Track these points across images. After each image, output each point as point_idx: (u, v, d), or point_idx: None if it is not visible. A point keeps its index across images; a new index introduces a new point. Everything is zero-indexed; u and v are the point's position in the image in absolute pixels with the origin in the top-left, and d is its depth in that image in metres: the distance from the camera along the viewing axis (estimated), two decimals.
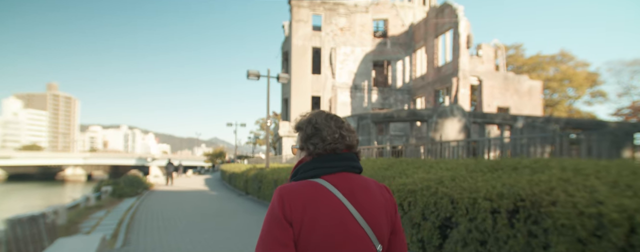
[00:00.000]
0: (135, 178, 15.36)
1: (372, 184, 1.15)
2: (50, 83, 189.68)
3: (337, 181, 1.08)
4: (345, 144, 1.14)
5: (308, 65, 28.30)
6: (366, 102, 29.32)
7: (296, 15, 28.15)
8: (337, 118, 1.20)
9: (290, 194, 1.04)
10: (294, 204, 1.02)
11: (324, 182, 1.07)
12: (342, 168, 1.11)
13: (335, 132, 1.14)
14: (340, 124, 1.18)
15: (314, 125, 1.17)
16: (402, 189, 4.61)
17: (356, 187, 1.09)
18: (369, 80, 29.59)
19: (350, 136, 1.17)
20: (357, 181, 1.11)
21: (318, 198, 1.04)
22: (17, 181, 64.53)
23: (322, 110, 1.24)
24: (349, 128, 1.20)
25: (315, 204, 1.03)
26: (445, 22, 24.24)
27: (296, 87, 28.06)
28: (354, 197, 1.07)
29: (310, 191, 1.05)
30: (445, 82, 24.60)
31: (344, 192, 1.06)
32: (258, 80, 13.14)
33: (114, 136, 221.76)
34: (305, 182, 1.08)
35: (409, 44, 29.50)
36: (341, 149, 1.14)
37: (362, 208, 1.06)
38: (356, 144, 1.19)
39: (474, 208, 3.42)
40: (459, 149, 11.82)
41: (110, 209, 9.93)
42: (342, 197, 1.05)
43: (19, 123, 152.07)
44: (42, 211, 4.78)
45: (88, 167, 73.24)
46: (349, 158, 1.13)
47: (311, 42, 28.45)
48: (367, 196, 1.09)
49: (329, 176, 1.09)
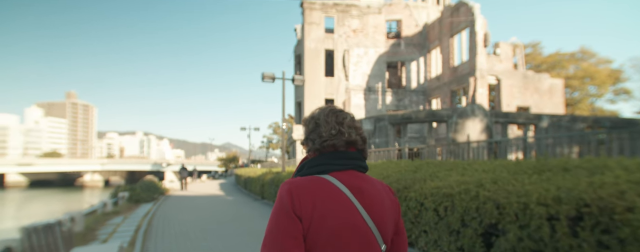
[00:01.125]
0: (151, 183, 15.33)
1: (378, 184, 1.13)
2: (69, 91, 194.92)
3: (346, 178, 1.06)
4: (343, 140, 1.11)
5: (321, 68, 28.09)
6: (380, 104, 28.89)
7: (308, 17, 28.03)
8: (340, 113, 1.16)
9: (300, 188, 1.02)
10: (303, 199, 1.00)
11: (333, 179, 1.04)
12: (350, 166, 1.09)
13: (332, 128, 1.11)
14: (342, 120, 1.14)
15: (316, 120, 1.16)
16: (436, 193, 4.27)
17: (364, 186, 1.07)
18: (383, 82, 29.18)
19: (350, 132, 1.13)
20: (364, 180, 1.09)
21: (327, 194, 1.01)
22: (38, 187, 66.13)
23: (328, 106, 1.21)
24: (352, 124, 1.15)
25: (325, 201, 1.00)
26: (461, 20, 23.71)
27: (309, 90, 27.85)
28: (362, 196, 1.05)
29: (319, 186, 1.02)
30: (461, 82, 24.01)
31: (353, 190, 1.04)
32: (273, 82, 12.95)
33: (130, 142, 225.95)
34: (313, 178, 1.05)
35: (423, 45, 29.01)
36: (339, 146, 1.10)
37: (369, 207, 1.04)
38: (360, 141, 1.14)
39: (525, 214, 3.06)
40: (481, 149, 11.34)
41: (128, 215, 9.82)
42: (351, 195, 1.03)
43: (40, 131, 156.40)
44: (58, 218, 4.63)
45: (105, 173, 74.56)
46: (355, 157, 1.11)
47: (324, 45, 28.25)
48: (374, 196, 1.07)
49: (337, 173, 1.07)
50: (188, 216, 9.71)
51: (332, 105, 1.21)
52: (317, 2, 27.92)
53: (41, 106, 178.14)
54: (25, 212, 33.10)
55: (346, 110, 1.21)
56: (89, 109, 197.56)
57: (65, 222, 4.85)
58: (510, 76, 23.17)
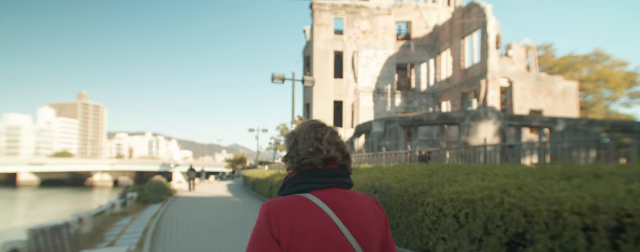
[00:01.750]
0: (159, 184, 15.31)
1: (362, 200, 1.11)
2: (80, 92, 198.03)
3: (327, 196, 1.04)
4: (321, 158, 1.08)
5: (330, 70, 27.96)
6: (389, 106, 28.63)
7: (318, 19, 27.93)
8: (319, 129, 1.13)
9: (277, 210, 1.00)
10: (281, 221, 0.99)
11: (313, 198, 1.03)
12: (333, 184, 1.07)
13: (310, 146, 1.09)
14: (320, 136, 1.11)
15: (295, 137, 1.14)
16: (456, 199, 4.07)
17: (347, 204, 1.05)
18: (392, 84, 28.92)
19: (329, 149, 1.09)
20: (348, 197, 1.07)
21: (307, 215, 1.00)
22: (49, 186, 67.04)
23: (310, 120, 1.17)
24: (332, 140, 1.12)
25: (304, 221, 0.99)
26: (472, 22, 23.38)
27: (318, 92, 27.72)
28: (344, 214, 1.03)
29: (299, 206, 1.01)
30: (472, 85, 23.65)
31: (335, 208, 1.02)
32: (283, 83, 12.83)
33: (139, 142, 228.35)
34: (293, 198, 1.04)
35: (433, 46, 28.70)
36: (317, 164, 1.08)
37: (352, 225, 1.02)
38: (340, 157, 1.11)
39: (557, 223, 2.85)
40: (493, 153, 11.05)
41: (136, 216, 9.76)
42: (332, 214, 1.01)
43: (51, 131, 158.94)
44: (66, 220, 4.54)
45: (114, 173, 75.32)
46: (337, 174, 1.09)
47: (333, 46, 28.12)
48: (357, 213, 1.05)
49: (319, 192, 1.05)
50: (196, 217, 9.61)
51: (313, 120, 1.18)
52: (327, 3, 27.82)
53: (53, 106, 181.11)
54: (36, 211, 33.49)
55: (328, 125, 1.17)
56: (99, 110, 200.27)
57: (73, 223, 4.77)
58: (522, 78, 22.75)
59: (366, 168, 8.94)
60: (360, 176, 7.39)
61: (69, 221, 4.53)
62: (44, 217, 25.80)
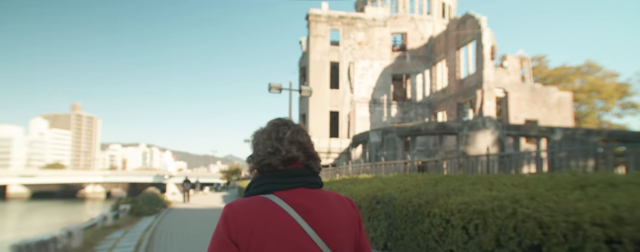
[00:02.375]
0: (153, 196, 14.96)
1: (333, 199, 1.06)
2: (74, 103, 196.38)
3: (291, 197, 1.01)
4: (279, 158, 1.04)
5: (326, 80, 27.98)
6: (385, 116, 28.62)
7: (314, 30, 28.09)
8: (281, 127, 1.09)
9: (237, 212, 0.97)
10: (239, 223, 0.95)
11: (276, 199, 0.99)
12: (298, 184, 1.03)
13: (269, 146, 1.06)
14: (282, 136, 1.07)
15: (257, 137, 1.10)
16: (464, 209, 3.92)
17: (313, 204, 1.01)
18: (388, 95, 28.98)
19: (290, 148, 1.05)
20: (314, 197, 1.03)
21: (268, 216, 0.96)
22: (40, 199, 65.65)
23: (275, 119, 1.13)
24: (294, 139, 1.07)
25: (264, 223, 0.95)
26: (468, 33, 23.63)
27: (314, 103, 27.66)
28: (310, 214, 0.99)
29: (260, 208, 0.97)
30: (468, 95, 23.76)
31: (299, 209, 0.99)
32: (280, 93, 12.72)
33: (133, 154, 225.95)
34: (254, 199, 1.00)
35: (429, 57, 28.92)
36: (276, 165, 1.04)
37: (319, 226, 0.98)
38: (302, 157, 1.06)
39: (577, 235, 2.71)
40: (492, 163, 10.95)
41: (128, 229, 9.44)
42: (296, 215, 0.97)
43: (44, 142, 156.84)
44: (53, 234, 4.30)
45: (107, 184, 74.09)
46: (302, 174, 1.05)
47: (329, 57, 28.22)
48: (325, 213, 1.01)
49: (282, 192, 1.01)
50: (191, 231, 9.32)
51: (278, 119, 1.14)
52: (323, 14, 28.04)
53: (46, 118, 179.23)
54: (26, 224, 32.63)
55: (293, 122, 1.13)
56: (93, 121, 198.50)
57: (61, 238, 4.53)
58: (517, 89, 22.91)
59: (366, 178, 8.77)
60: (361, 186, 7.22)
61: (57, 236, 4.29)
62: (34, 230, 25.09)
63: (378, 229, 5.69)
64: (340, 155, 26.88)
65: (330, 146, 26.89)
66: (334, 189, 7.79)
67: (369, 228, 5.97)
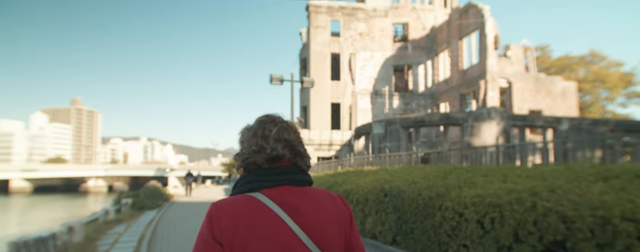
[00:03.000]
0: (155, 189, 14.88)
1: (322, 196, 1.05)
2: (74, 98, 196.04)
3: (278, 194, 0.99)
4: (263, 157, 1.02)
5: (327, 72, 27.69)
6: (387, 108, 28.40)
7: (314, 21, 27.70)
8: (268, 125, 1.07)
9: (221, 211, 0.96)
10: (223, 222, 0.94)
11: (261, 197, 0.98)
12: (284, 181, 1.02)
13: (254, 144, 1.04)
14: (268, 133, 1.05)
15: (244, 135, 1.09)
16: (478, 203, 3.76)
17: (300, 201, 1.00)
18: (390, 86, 28.72)
19: (276, 146, 1.03)
20: (301, 194, 1.02)
21: (252, 215, 0.94)
22: (43, 193, 65.89)
23: (263, 115, 1.11)
24: (280, 136, 1.04)
25: (249, 222, 0.93)
26: (470, 23, 23.26)
27: (315, 94, 27.43)
28: (297, 212, 0.98)
29: (245, 207, 0.96)
30: (471, 86, 23.49)
31: (285, 207, 0.97)
32: (281, 84, 12.51)
33: (134, 147, 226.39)
34: (240, 197, 0.99)
35: (431, 48, 28.57)
36: (261, 163, 1.03)
37: (306, 224, 0.97)
38: (288, 155, 1.05)
39: (606, 230, 2.55)
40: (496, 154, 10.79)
41: (131, 224, 9.34)
42: (282, 213, 0.96)
43: (45, 137, 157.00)
44: (52, 230, 4.17)
45: (109, 178, 74.28)
46: (288, 171, 1.03)
47: (330, 48, 27.89)
48: (313, 210, 0.99)
49: (268, 190, 1.00)
50: (194, 225, 9.21)
51: (266, 115, 1.11)
52: (323, 5, 27.62)
53: (46, 112, 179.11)
54: (29, 219, 32.74)
55: (281, 118, 1.10)
56: (93, 115, 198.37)
57: (61, 234, 4.39)
58: (521, 79, 22.63)
59: (371, 170, 8.62)
60: (366, 178, 7.07)
61: (56, 232, 4.15)
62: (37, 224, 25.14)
63: (386, 222, 5.55)
64: (342, 147, 26.76)
65: (332, 138, 26.75)
66: (338, 182, 7.65)
67: (376, 222, 5.83)
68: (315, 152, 26.57)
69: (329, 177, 8.95)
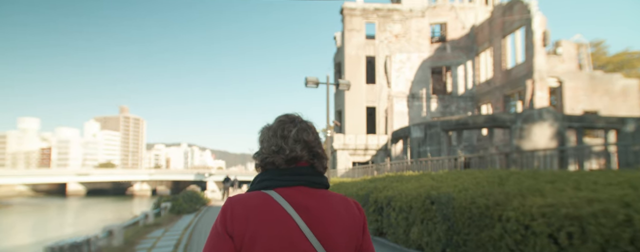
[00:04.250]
0: (193, 194, 15.12)
1: (336, 200, 1.05)
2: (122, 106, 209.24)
3: (291, 194, 1.01)
4: (282, 157, 1.04)
5: (362, 75, 27.24)
6: (425, 111, 27.38)
7: (348, 24, 27.42)
8: (287, 125, 1.08)
9: (235, 205, 0.99)
10: (236, 216, 0.97)
11: (275, 194, 1.00)
12: (299, 182, 1.03)
13: (273, 144, 1.06)
14: (287, 133, 1.06)
15: (263, 135, 1.11)
16: (550, 213, 3.20)
17: (312, 203, 1.01)
18: (428, 88, 27.71)
19: (295, 147, 1.04)
20: (315, 196, 1.03)
21: (264, 210, 0.97)
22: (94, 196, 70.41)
23: (283, 115, 1.13)
24: (299, 137, 1.05)
25: (260, 217, 0.96)
26: (515, 19, 21.90)
27: (350, 98, 27.03)
28: (308, 213, 0.99)
29: (258, 203, 0.98)
30: (516, 86, 22.04)
31: (296, 207, 0.99)
32: (317, 87, 12.26)
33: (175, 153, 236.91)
34: (255, 194, 1.02)
35: (471, 48, 27.27)
36: (279, 164, 1.04)
37: (316, 225, 0.98)
38: (307, 156, 1.05)
39: None
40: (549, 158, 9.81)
41: (168, 228, 9.42)
42: (292, 211, 0.97)
43: (97, 143, 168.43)
44: (87, 236, 4.13)
45: (153, 182, 77.95)
46: (304, 173, 1.04)
47: (365, 51, 27.44)
48: (324, 213, 1.00)
49: (283, 189, 1.02)
50: None
51: (286, 115, 1.12)
52: (358, 8, 27.28)
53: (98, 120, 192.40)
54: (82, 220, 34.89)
55: (301, 118, 1.11)
56: (139, 123, 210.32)
57: (95, 239, 4.34)
58: (574, 77, 20.89)
59: (412, 176, 8.08)
60: (409, 184, 6.57)
61: (90, 238, 4.11)
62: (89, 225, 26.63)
63: (433, 233, 5.03)
64: (378, 152, 26.07)
65: (367, 142, 26.16)
66: (378, 187, 7.21)
67: (422, 231, 5.33)
68: (350, 157, 26.08)
69: (367, 183, 8.51)
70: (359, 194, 7.73)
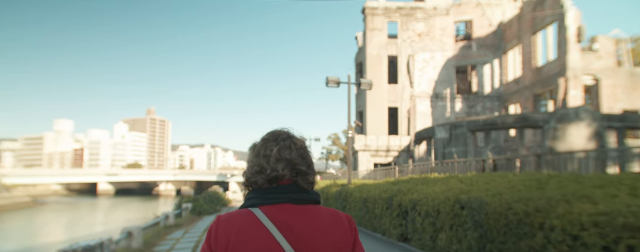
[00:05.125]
0: (214, 194, 15.16)
1: (324, 216, 1.05)
2: (149, 108, 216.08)
3: (274, 212, 1.02)
4: (263, 177, 1.05)
5: (384, 75, 26.75)
6: (449, 111, 26.57)
7: (370, 24, 27.02)
8: (270, 143, 1.09)
9: (220, 224, 1.01)
10: (219, 235, 0.99)
11: (259, 213, 1.01)
12: (282, 200, 1.04)
13: (255, 164, 1.08)
14: (269, 153, 1.07)
15: (249, 155, 1.13)
16: (604, 223, 2.80)
17: (295, 220, 1.01)
18: (452, 88, 26.88)
19: (276, 167, 1.05)
20: (299, 213, 1.03)
21: (247, 229, 0.98)
22: (123, 195, 72.85)
23: (268, 133, 1.14)
24: (280, 156, 1.06)
25: (242, 236, 0.97)
26: (547, 15, 20.86)
27: (371, 99, 26.59)
28: (290, 231, 0.99)
29: (241, 220, 1.00)
30: (547, 85, 20.98)
31: (278, 224, 0.99)
32: (338, 87, 12.00)
33: (199, 154, 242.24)
34: (240, 211, 1.04)
35: (498, 45, 26.25)
36: (261, 184, 1.06)
37: (298, 242, 0.98)
38: (288, 175, 1.06)
39: None
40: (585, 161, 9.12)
41: (188, 229, 9.38)
42: (274, 229, 0.98)
43: (125, 144, 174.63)
44: (101, 239, 4.04)
45: (177, 183, 79.85)
46: (287, 191, 1.05)
47: (387, 51, 26.95)
48: (308, 230, 1.00)
49: (267, 207, 1.03)
50: None
51: (272, 132, 1.13)
52: (380, 7, 26.84)
53: (126, 122, 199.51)
54: (111, 218, 36.07)
55: (287, 135, 1.11)
56: (164, 124, 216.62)
57: (109, 243, 4.25)
58: (612, 75, 19.65)
59: (438, 178, 7.67)
60: (435, 187, 6.19)
61: (104, 241, 4.02)
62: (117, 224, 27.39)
63: (464, 240, 4.65)
64: (400, 153, 25.49)
65: (389, 143, 25.64)
66: (402, 190, 6.85)
67: (451, 238, 4.95)
68: (371, 158, 25.63)
69: (390, 185, 8.16)
70: (382, 196, 7.40)
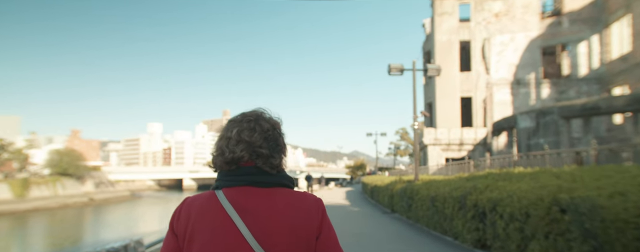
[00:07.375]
0: None
1: (286, 199, 1.02)
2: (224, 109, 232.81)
3: (234, 194, 1.01)
4: (222, 160, 1.04)
5: (455, 63, 24.54)
6: (534, 99, 23.37)
7: (439, 8, 24.97)
8: (232, 123, 1.09)
9: (184, 205, 1.02)
10: (182, 215, 1.00)
11: (220, 194, 1.01)
12: (243, 182, 1.02)
13: (218, 147, 1.07)
14: (230, 134, 1.06)
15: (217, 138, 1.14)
16: None
17: (253, 203, 1.00)
18: (537, 72, 23.63)
19: (235, 149, 1.03)
20: (258, 196, 1.01)
21: (206, 210, 0.98)
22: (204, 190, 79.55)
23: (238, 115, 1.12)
24: (240, 138, 1.04)
25: (200, 217, 0.98)
26: None
27: (441, 89, 24.58)
28: (247, 213, 0.98)
29: (203, 202, 1.00)
30: None
31: (236, 207, 0.99)
32: (401, 74, 10.92)
33: None
34: (205, 193, 1.04)
35: (598, 18, 22.30)
36: (221, 166, 1.06)
37: (255, 226, 0.97)
38: (246, 157, 1.03)
39: None
40: None
41: None
42: (232, 211, 0.97)
43: (205, 144, 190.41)
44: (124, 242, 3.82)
45: None
46: (248, 173, 1.04)
47: (458, 36, 24.67)
48: (266, 213, 0.98)
49: (228, 189, 1.03)
50: None
51: (241, 114, 1.11)
52: None
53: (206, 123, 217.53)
54: None
55: (251, 116, 1.08)
56: None
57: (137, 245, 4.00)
58: None
59: (525, 173, 6.31)
60: (522, 184, 4.97)
61: (127, 244, 3.79)
62: None
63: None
64: (475, 147, 23.12)
65: (462, 136, 23.43)
66: (479, 188, 5.70)
67: (547, 250, 3.80)
68: (442, 153, 23.67)
69: (463, 182, 6.98)
70: (452, 195, 6.30)
